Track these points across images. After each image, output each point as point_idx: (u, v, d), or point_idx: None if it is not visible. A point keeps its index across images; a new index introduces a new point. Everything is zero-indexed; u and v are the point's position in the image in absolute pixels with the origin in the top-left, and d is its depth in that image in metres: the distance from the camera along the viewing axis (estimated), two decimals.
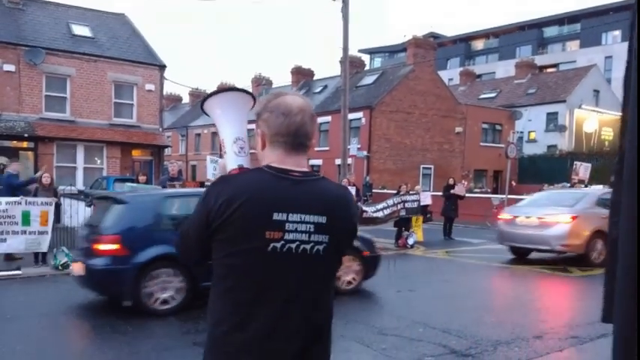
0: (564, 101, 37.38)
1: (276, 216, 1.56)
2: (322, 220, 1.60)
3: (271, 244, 1.55)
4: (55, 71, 19.99)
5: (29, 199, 9.52)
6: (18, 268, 9.12)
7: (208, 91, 32.40)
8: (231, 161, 1.80)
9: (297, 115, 1.64)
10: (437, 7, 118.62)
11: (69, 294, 7.48)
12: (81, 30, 21.82)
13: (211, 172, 10.59)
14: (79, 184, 18.97)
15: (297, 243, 1.57)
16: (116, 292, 6.53)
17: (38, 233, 9.29)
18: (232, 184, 1.63)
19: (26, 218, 9.17)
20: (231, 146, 1.82)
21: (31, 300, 7.63)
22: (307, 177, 1.64)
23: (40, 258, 9.74)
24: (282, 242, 1.56)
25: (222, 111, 1.86)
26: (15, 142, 19.27)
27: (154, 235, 6.59)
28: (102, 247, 6.44)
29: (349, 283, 7.81)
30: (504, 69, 49.87)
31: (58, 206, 10.16)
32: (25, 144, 19.51)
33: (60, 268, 9.21)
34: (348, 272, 7.75)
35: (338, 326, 6.06)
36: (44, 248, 9.50)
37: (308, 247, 1.58)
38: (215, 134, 40.58)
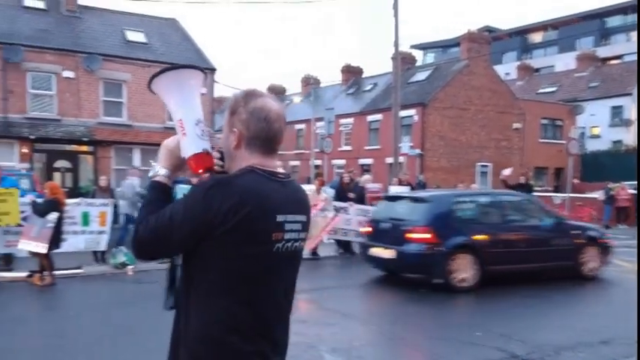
0: (630, 94, 35.44)
1: (279, 218, 1.63)
2: (304, 218, 1.72)
3: (276, 245, 1.62)
4: (112, 77, 20.54)
5: (88, 200, 10.19)
6: (79, 267, 9.46)
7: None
8: (194, 144, 1.72)
9: (276, 123, 1.69)
10: (491, 0, 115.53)
11: (128, 291, 7.90)
12: (135, 36, 22.36)
13: None
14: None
15: (292, 242, 1.67)
16: (428, 271, 8.12)
17: (97, 233, 9.87)
18: (236, 188, 1.58)
19: (86, 219, 9.77)
20: (193, 128, 1.74)
21: (92, 297, 7.90)
22: (286, 178, 1.72)
23: (99, 257, 10.16)
24: (283, 242, 1.64)
25: (178, 90, 1.77)
26: (75, 146, 19.93)
27: (454, 226, 8.19)
28: (416, 235, 7.94)
29: (592, 270, 8.90)
30: (564, 62, 47.90)
31: (115, 207, 10.56)
32: (84, 148, 20.16)
33: (119, 266, 9.54)
34: (592, 260, 8.87)
35: (391, 328, 6.03)
36: (103, 247, 10.04)
37: (297, 244, 1.70)
38: None
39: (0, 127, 18.44)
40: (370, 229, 9.24)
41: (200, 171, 1.71)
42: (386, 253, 8.32)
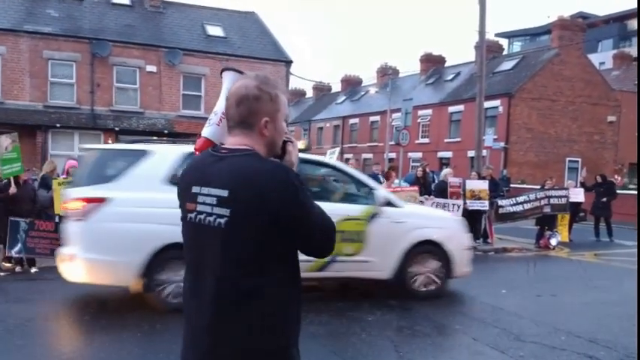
0: None
1: (194, 189, 1.69)
2: (224, 193, 1.61)
3: (189, 215, 1.71)
4: (192, 71, 21.02)
5: None
6: None
7: (332, 85, 31.98)
8: (205, 129, 2.09)
9: (228, 100, 1.74)
10: None
11: None
12: (214, 30, 22.75)
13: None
14: None
15: (205, 215, 1.65)
16: None
17: None
18: (188, 163, 1.86)
19: None
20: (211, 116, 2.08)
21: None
22: (231, 153, 1.69)
23: None
24: (195, 213, 1.68)
25: (223, 85, 2.10)
26: (155, 137, 20.51)
27: None
28: None
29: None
30: None
31: None
32: (165, 139, 20.74)
33: None
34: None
35: (471, 328, 5.72)
36: None
37: (211, 219, 1.63)
38: (337, 127, 40.70)
39: (87, 119, 19.38)
40: None
41: (196, 152, 1.99)
42: None
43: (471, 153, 18.73)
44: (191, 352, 1.69)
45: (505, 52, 36.08)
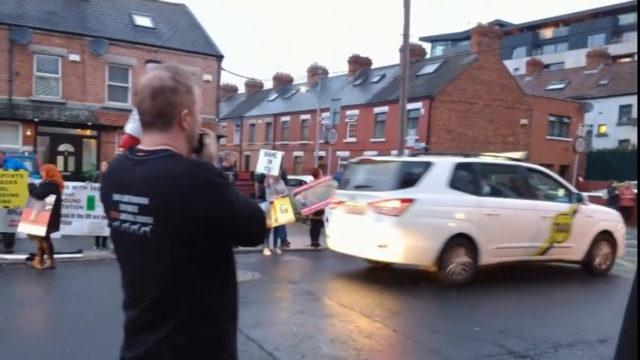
0: None
1: (115, 197, 1.62)
2: (145, 201, 1.54)
3: (114, 223, 1.65)
4: (118, 61, 20.47)
5: (95, 184, 9.97)
6: (80, 251, 9.43)
7: (263, 82, 31.81)
8: (126, 125, 1.96)
9: (138, 95, 1.63)
10: None
11: None
12: (142, 21, 22.26)
13: (264, 164, 10.31)
14: None
15: (128, 223, 1.59)
16: None
17: (102, 217, 9.62)
18: (109, 166, 1.77)
19: (91, 203, 9.65)
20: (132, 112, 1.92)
21: (92, 282, 7.85)
22: (148, 156, 1.59)
23: (100, 242, 10.12)
24: (120, 221, 1.62)
25: None
26: (79, 130, 19.94)
27: None
28: None
29: None
30: (574, 59, 47.54)
31: None
32: (88, 132, 20.16)
33: None
34: None
35: (391, 320, 6.07)
36: (106, 232, 9.78)
37: (135, 227, 1.57)
38: (269, 124, 40.83)
39: (4, 109, 18.44)
40: None
41: (121, 149, 1.90)
42: None
43: (395, 153, 19.53)
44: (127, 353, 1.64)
45: (428, 56, 37.55)
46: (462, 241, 7.73)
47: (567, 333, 5.71)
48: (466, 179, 8.22)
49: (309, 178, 12.02)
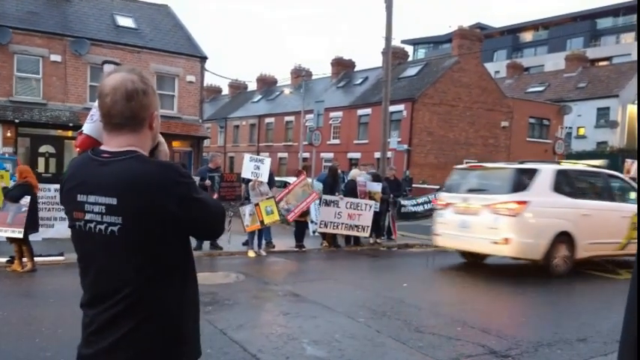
0: (617, 96, 35.82)
1: (80, 197, 1.64)
2: (113, 201, 1.59)
3: (77, 223, 1.66)
4: (100, 62, 20.25)
5: None
6: (61, 254, 9.29)
7: (247, 83, 31.61)
8: (84, 125, 1.97)
9: (107, 96, 1.64)
10: None
11: None
12: (125, 21, 22.11)
13: (251, 170, 10.28)
14: None
15: (95, 223, 1.61)
16: None
17: None
18: (69, 167, 1.77)
19: None
20: (90, 112, 1.96)
21: (73, 284, 7.64)
22: (114, 157, 1.63)
23: None
24: (84, 222, 1.64)
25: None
26: (60, 131, 19.70)
27: None
28: None
29: None
30: (554, 62, 48.21)
31: None
32: (69, 133, 19.91)
33: None
34: None
35: (374, 321, 6.13)
36: None
37: (102, 227, 1.60)
38: (253, 126, 40.75)
39: None
40: None
41: (77, 150, 1.93)
42: None
43: (378, 154, 19.67)
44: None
45: (410, 59, 37.84)
46: (563, 237, 8.90)
47: (548, 332, 5.82)
48: (564, 184, 9.36)
49: (293, 180, 12.04)
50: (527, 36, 61.33)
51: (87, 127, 1.93)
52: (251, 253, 10.49)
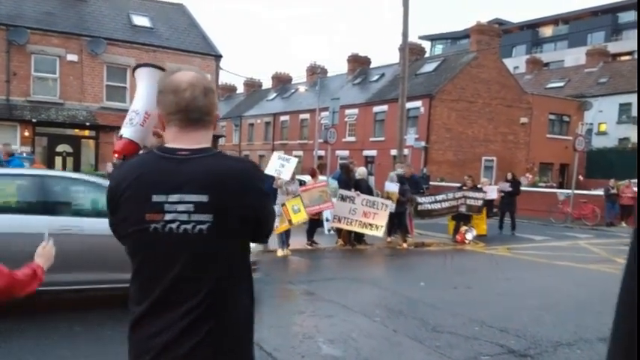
0: None
1: (155, 198, 1.54)
2: (203, 198, 1.53)
3: (152, 225, 1.54)
4: (116, 61, 20.41)
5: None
6: None
7: (262, 81, 31.83)
8: (123, 128, 1.90)
9: (186, 91, 1.60)
10: None
11: None
12: (141, 20, 22.20)
13: (275, 167, 10.12)
14: None
15: (178, 223, 1.53)
16: None
17: None
18: (122, 168, 1.67)
19: None
20: (127, 115, 1.89)
21: None
22: (195, 154, 1.59)
23: None
24: (163, 223, 1.54)
25: (140, 82, 1.97)
26: (77, 130, 19.85)
27: None
28: None
29: None
30: (574, 57, 47.48)
31: None
32: (86, 132, 20.08)
33: None
34: None
35: (391, 320, 6.04)
36: None
37: (188, 226, 1.53)
38: (268, 124, 40.77)
39: (2, 110, 18.39)
40: None
41: (115, 155, 1.87)
42: None
43: (394, 152, 19.47)
44: None
45: (427, 55, 37.50)
46: None
47: (567, 332, 5.68)
48: None
49: (307, 178, 11.90)
50: (547, 31, 60.46)
51: (127, 131, 1.88)
52: (280, 252, 10.25)
